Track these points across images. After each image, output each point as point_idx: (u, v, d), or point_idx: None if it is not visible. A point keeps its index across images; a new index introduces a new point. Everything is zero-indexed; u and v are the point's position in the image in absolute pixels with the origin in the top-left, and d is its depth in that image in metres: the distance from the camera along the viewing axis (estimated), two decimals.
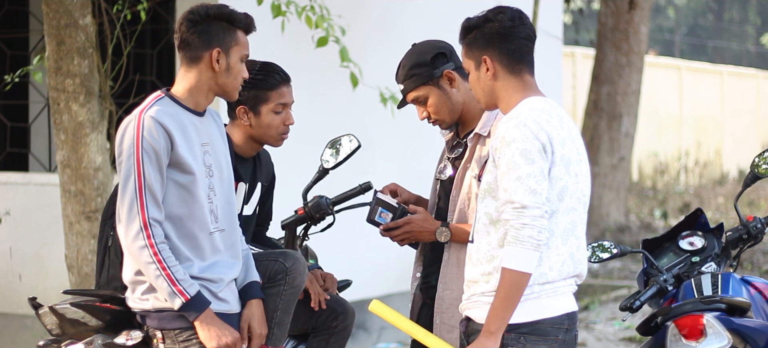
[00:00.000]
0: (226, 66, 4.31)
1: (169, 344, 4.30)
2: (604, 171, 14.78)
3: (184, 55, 4.33)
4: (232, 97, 4.40)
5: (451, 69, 4.63)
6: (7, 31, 9.88)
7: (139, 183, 4.20)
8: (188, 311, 4.24)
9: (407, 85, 4.65)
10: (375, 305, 4.30)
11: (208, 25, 4.29)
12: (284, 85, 4.81)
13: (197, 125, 4.33)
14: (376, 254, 9.23)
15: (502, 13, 4.13)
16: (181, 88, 4.34)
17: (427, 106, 4.65)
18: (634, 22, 14.66)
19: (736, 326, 4.89)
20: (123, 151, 4.24)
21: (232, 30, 4.32)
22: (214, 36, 4.29)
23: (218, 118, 4.49)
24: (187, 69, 4.34)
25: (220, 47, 4.29)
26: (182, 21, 4.32)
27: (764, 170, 5.29)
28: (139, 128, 4.21)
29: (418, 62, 4.63)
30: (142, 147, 4.20)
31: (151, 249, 4.19)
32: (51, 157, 9.52)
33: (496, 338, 3.94)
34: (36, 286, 8.57)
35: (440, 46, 4.67)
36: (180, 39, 4.32)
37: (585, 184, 4.12)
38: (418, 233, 4.67)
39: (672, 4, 41.80)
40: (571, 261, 4.06)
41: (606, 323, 10.39)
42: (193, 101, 4.34)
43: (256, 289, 4.46)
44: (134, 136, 4.22)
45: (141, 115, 4.24)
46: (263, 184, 4.93)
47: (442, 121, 4.68)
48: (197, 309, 4.25)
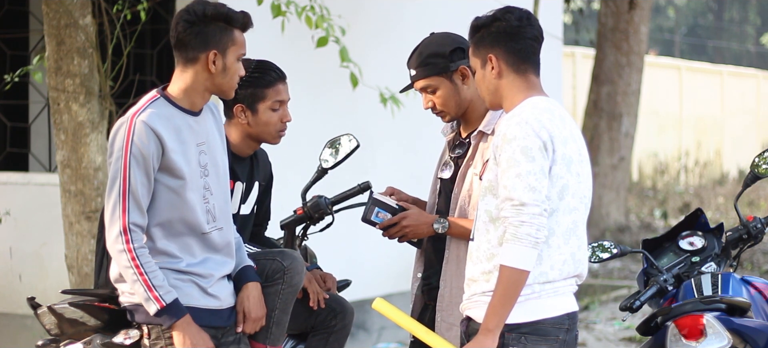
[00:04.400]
0: (223, 67, 4.26)
1: (153, 338, 4.29)
2: (604, 171, 14.76)
3: (180, 55, 4.27)
4: (229, 95, 4.37)
5: (466, 65, 4.62)
6: (7, 31, 9.87)
7: (124, 187, 4.17)
8: (163, 317, 4.21)
9: (420, 72, 4.63)
10: (378, 303, 4.30)
11: (205, 26, 4.23)
12: (281, 83, 4.80)
13: (193, 126, 4.30)
14: (376, 254, 9.22)
15: (510, 13, 4.13)
16: (176, 89, 4.30)
17: (435, 97, 4.64)
18: (634, 22, 14.65)
19: (736, 326, 4.89)
20: (113, 152, 4.21)
21: (229, 30, 4.26)
22: (211, 37, 4.23)
23: (216, 110, 4.44)
24: (183, 69, 4.29)
25: (216, 49, 4.23)
26: (178, 20, 4.25)
27: (764, 170, 5.29)
28: (130, 132, 4.18)
29: (437, 52, 4.62)
30: (130, 151, 4.17)
31: (130, 254, 4.17)
32: (51, 157, 9.51)
33: (494, 336, 3.93)
34: (36, 286, 8.56)
35: (460, 40, 4.66)
36: (176, 39, 4.26)
37: (586, 184, 4.11)
38: (415, 227, 4.67)
39: (672, 4, 41.79)
40: (572, 261, 4.06)
41: (606, 323, 10.38)
42: (189, 101, 4.30)
43: (250, 272, 4.44)
44: (124, 140, 4.19)
45: (133, 118, 4.21)
46: (261, 184, 4.93)
47: (447, 114, 4.68)
48: (173, 315, 4.21)
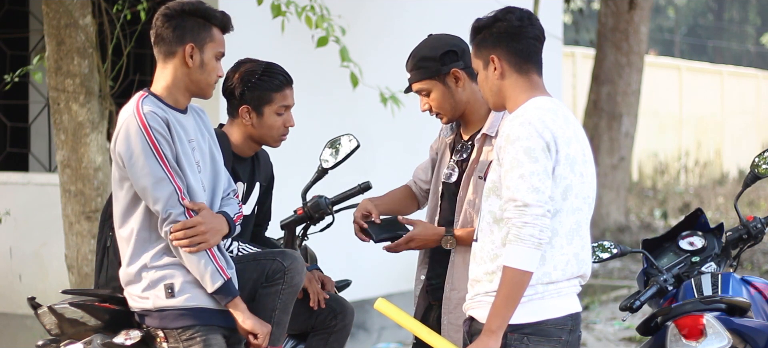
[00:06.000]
0: (200, 62, 4.30)
1: (172, 343, 4.29)
2: (604, 171, 14.75)
3: (159, 50, 4.33)
4: (207, 94, 4.39)
5: (459, 68, 4.61)
6: (7, 31, 9.88)
7: (165, 163, 4.19)
8: (220, 294, 4.25)
9: (414, 76, 4.66)
10: (380, 303, 4.29)
11: (182, 20, 4.29)
12: (288, 88, 4.82)
13: (182, 122, 4.33)
14: (376, 254, 9.17)
15: (511, 13, 4.13)
16: (159, 86, 4.34)
17: (430, 100, 4.65)
18: (634, 22, 14.64)
19: (736, 326, 4.89)
20: (133, 152, 4.20)
21: (208, 26, 4.31)
22: (189, 31, 4.29)
23: (201, 111, 4.48)
24: (163, 65, 4.34)
25: (193, 43, 4.28)
26: (157, 16, 4.32)
27: (764, 170, 5.28)
28: (144, 122, 4.20)
29: (427, 56, 4.63)
30: (153, 136, 4.20)
31: None
32: (51, 157, 9.51)
33: (497, 337, 3.93)
34: (36, 286, 8.56)
35: (453, 43, 4.66)
36: (155, 34, 4.32)
37: (590, 184, 4.11)
38: (424, 243, 4.67)
39: (672, 4, 41.79)
40: (575, 261, 4.05)
41: (606, 323, 10.38)
42: (173, 99, 4.33)
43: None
44: (140, 130, 4.20)
45: (138, 110, 4.22)
46: (262, 184, 4.93)
47: (444, 116, 4.68)
48: (230, 293, 4.27)
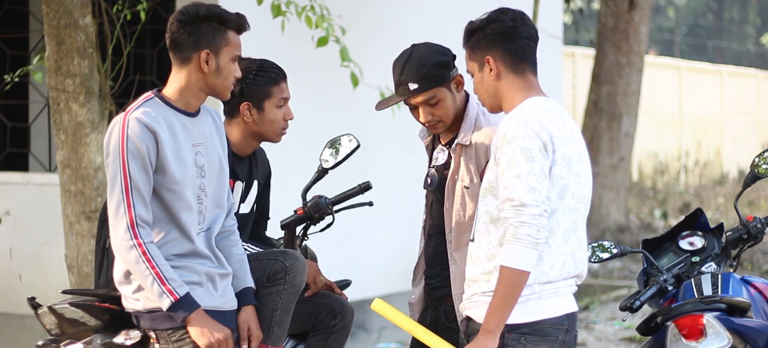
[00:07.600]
0: (216, 67, 4.29)
1: (163, 344, 4.29)
2: (604, 171, 14.76)
3: (175, 55, 4.31)
4: (224, 96, 4.39)
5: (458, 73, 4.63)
6: (7, 31, 9.87)
7: (126, 183, 4.18)
8: (177, 311, 4.22)
9: (423, 85, 4.56)
10: (377, 304, 4.29)
11: (198, 26, 4.27)
12: (283, 81, 4.83)
13: (188, 126, 4.31)
14: (376, 254, 9.21)
15: (504, 14, 4.15)
16: (171, 89, 4.33)
17: (437, 108, 4.59)
18: (634, 22, 14.65)
19: (736, 326, 4.89)
20: (110, 152, 4.23)
21: (223, 30, 4.29)
22: (204, 37, 4.26)
23: (217, 116, 4.47)
24: (178, 69, 4.32)
25: (209, 49, 4.27)
26: (173, 21, 4.30)
27: (764, 170, 5.28)
28: (124, 129, 4.20)
29: (439, 62, 4.58)
30: (127, 148, 4.18)
31: (140, 248, 4.18)
32: (51, 157, 9.51)
33: (494, 337, 3.94)
34: (36, 286, 8.56)
35: (445, 49, 4.66)
36: (170, 39, 4.30)
37: (586, 184, 4.12)
38: None
39: (672, 4, 41.79)
40: (572, 261, 4.06)
41: (606, 323, 10.38)
42: (184, 102, 4.32)
43: (251, 295, 4.46)
44: (119, 138, 4.20)
45: (126, 116, 4.23)
46: (260, 182, 4.93)
47: (444, 124, 4.64)
48: (187, 309, 4.22)
